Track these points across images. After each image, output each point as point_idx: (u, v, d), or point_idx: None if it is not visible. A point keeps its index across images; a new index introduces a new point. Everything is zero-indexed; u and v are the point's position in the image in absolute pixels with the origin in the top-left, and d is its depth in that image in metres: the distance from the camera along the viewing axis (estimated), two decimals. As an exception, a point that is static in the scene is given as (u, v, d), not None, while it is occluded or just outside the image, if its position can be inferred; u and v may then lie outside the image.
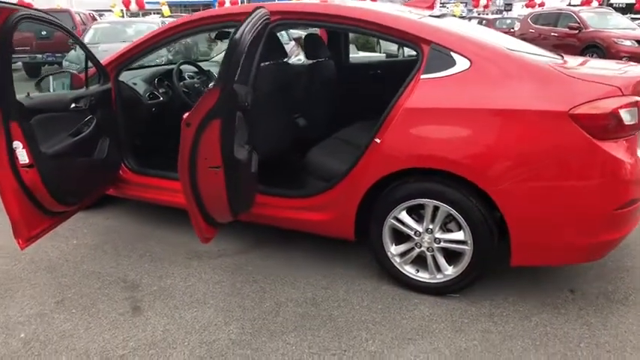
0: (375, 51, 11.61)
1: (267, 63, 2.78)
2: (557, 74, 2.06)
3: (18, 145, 2.09)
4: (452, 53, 2.14)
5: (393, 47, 9.48)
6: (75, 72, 2.77)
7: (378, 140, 2.22)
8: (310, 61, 3.33)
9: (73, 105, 2.48)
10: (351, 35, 4.36)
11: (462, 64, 2.11)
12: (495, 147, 2.03)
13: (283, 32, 8.98)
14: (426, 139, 2.13)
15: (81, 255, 2.74)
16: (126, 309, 2.23)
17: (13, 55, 2.65)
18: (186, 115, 1.67)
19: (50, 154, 2.23)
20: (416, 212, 2.29)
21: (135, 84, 3.17)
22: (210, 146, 1.68)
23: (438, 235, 2.22)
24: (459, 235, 2.17)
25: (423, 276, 2.32)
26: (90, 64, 2.71)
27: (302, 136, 3.29)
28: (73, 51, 8.18)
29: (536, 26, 12.18)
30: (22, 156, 2.11)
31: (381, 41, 12.44)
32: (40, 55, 10.79)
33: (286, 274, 2.50)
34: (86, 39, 8.81)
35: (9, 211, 2.15)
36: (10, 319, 2.17)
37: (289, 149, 3.04)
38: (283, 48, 2.89)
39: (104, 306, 2.26)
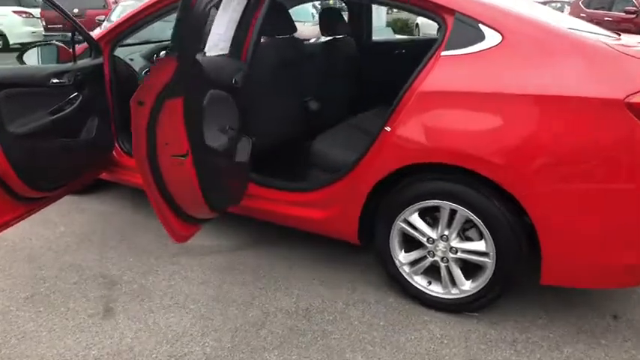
0: (413, 34, 11.16)
1: (270, 38, 2.46)
2: (612, 53, 1.65)
3: None
4: (480, 25, 1.76)
5: (433, 30, 8.97)
6: (62, 44, 2.54)
7: (388, 128, 1.88)
8: (326, 38, 2.99)
9: (53, 80, 2.25)
10: (388, 18, 3.97)
11: (492, 38, 1.73)
12: (528, 141, 1.65)
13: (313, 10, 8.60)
14: (443, 130, 1.77)
15: (65, 244, 2.54)
16: (97, 310, 2.01)
17: (47, 34, 2.46)
18: (137, 90, 1.38)
19: (19, 133, 2.00)
20: (430, 215, 1.95)
21: (132, 60, 2.92)
22: (171, 130, 1.38)
23: (455, 243, 1.87)
24: (480, 246, 1.82)
25: (435, 290, 1.98)
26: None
27: (313, 121, 2.98)
28: (98, 29, 8.08)
29: (589, 10, 11.26)
30: None
31: (420, 24, 11.85)
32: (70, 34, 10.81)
33: (280, 278, 2.22)
34: (113, 15, 8.70)
35: None
36: (-26, 314, 1.98)
37: (297, 136, 2.73)
38: (292, 21, 2.56)
39: (75, 305, 2.04)
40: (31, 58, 2.50)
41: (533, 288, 1.93)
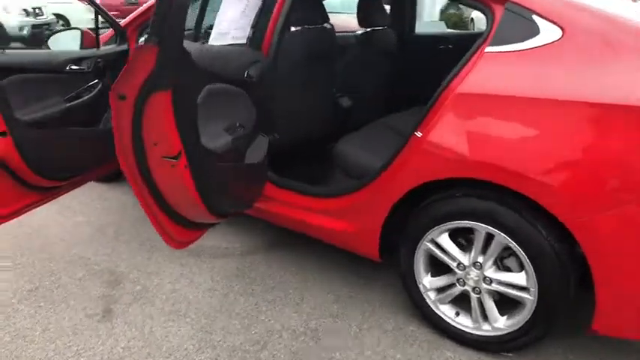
0: (468, 30, 10.59)
1: (299, 28, 2.25)
2: None
3: None
4: (535, 17, 1.47)
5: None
6: (87, 30, 2.45)
7: (418, 134, 1.63)
8: (364, 30, 2.74)
9: (71, 67, 2.16)
10: (441, 12, 3.63)
11: (549, 33, 1.44)
12: (588, 159, 1.36)
13: None
14: (483, 140, 1.50)
15: (80, 235, 2.47)
16: (97, 310, 1.90)
17: (104, 20, 2.41)
18: (115, 82, 1.21)
19: (28, 121, 1.92)
20: (463, 236, 1.69)
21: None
22: (159, 129, 1.21)
23: (490, 273, 1.60)
24: (520, 279, 1.54)
25: (464, 322, 1.72)
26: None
27: (344, 119, 2.75)
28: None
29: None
30: None
31: (475, 18, 11.21)
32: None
33: (291, 290, 2.02)
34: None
35: None
36: (-24, 304, 1.93)
37: (325, 135, 2.52)
38: (323, 10, 2.34)
39: (75, 303, 1.94)
40: (56, 42, 2.43)
41: (580, 326, 1.63)
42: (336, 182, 2.13)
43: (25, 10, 8.77)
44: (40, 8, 9.07)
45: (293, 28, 2.23)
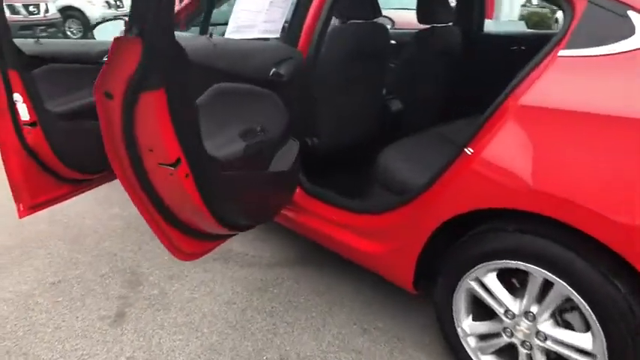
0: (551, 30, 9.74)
1: (345, 22, 2.04)
2: None
3: (18, 99, 1.76)
4: (631, 14, 1.15)
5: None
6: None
7: (469, 150, 1.37)
8: (423, 27, 2.47)
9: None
10: (521, 11, 3.22)
11: (648, 34, 1.12)
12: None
13: None
14: (548, 166, 1.21)
15: (111, 229, 2.43)
16: (110, 312, 1.82)
17: None
18: (98, 77, 1.06)
19: (60, 112, 1.87)
20: (515, 276, 1.40)
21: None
22: (153, 132, 1.05)
23: (545, 327, 1.30)
24: (583, 341, 1.23)
25: (508, 380, 1.44)
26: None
27: (393, 125, 2.51)
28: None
29: None
30: (23, 111, 1.78)
31: (559, 19, 10.31)
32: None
33: (315, 314, 1.83)
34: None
35: (8, 173, 1.86)
36: (1, 291, 1.92)
37: (370, 141, 2.29)
38: (374, 2, 2.10)
39: (92, 302, 1.88)
40: (101, 32, 2.40)
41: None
42: (373, 196, 1.90)
43: (107, 2, 9.25)
44: (121, 0, 9.53)
45: (337, 22, 2.02)
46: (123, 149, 1.10)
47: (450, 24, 2.57)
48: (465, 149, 1.38)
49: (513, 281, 1.42)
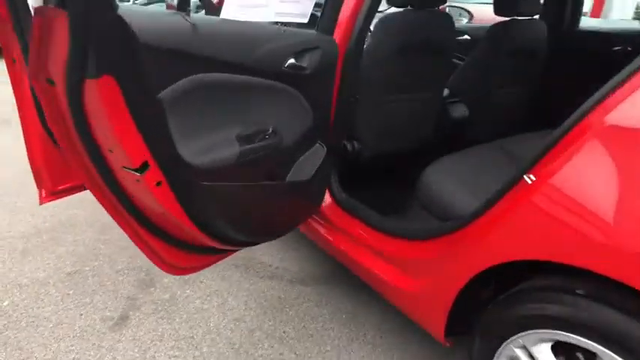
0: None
1: (399, 9, 1.74)
2: None
3: None
4: None
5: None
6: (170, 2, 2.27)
7: (530, 179, 1.04)
8: (500, 20, 2.09)
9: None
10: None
11: None
12: None
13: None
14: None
15: (143, 220, 2.35)
16: (114, 314, 1.70)
17: None
18: (30, 58, 0.85)
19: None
20: (579, 351, 1.05)
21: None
22: (105, 130, 0.84)
23: None
24: None
25: None
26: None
27: (455, 133, 2.17)
28: None
29: None
30: None
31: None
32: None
33: (329, 348, 1.58)
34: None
35: (31, 158, 1.79)
36: (18, 276, 1.89)
37: (425, 150, 1.98)
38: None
39: (99, 300, 1.78)
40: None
41: None
42: (411, 218, 1.61)
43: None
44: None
45: (388, 9, 1.73)
46: (79, 145, 0.91)
47: (536, 17, 2.16)
48: (525, 176, 1.05)
49: (578, 355, 1.06)
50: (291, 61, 1.22)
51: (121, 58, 0.79)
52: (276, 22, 1.31)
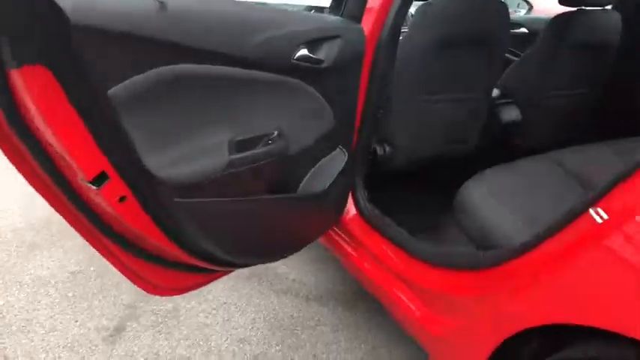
0: None
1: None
2: None
3: None
4: None
5: None
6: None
7: (601, 217, 0.79)
8: (567, 9, 1.78)
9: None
10: None
11: None
12: None
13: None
14: None
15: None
16: (110, 324, 1.57)
17: None
18: None
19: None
20: None
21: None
22: (51, 133, 0.66)
23: None
24: None
25: None
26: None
27: (504, 139, 1.90)
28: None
29: None
30: None
31: None
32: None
33: (342, 384, 1.37)
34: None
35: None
36: (20, 273, 1.79)
37: (466, 161, 1.72)
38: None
39: (97, 306, 1.65)
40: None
41: None
42: (445, 240, 1.36)
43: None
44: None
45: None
46: (19, 143, 0.74)
47: (608, 7, 1.84)
48: (592, 210, 0.80)
49: None
50: (303, 52, 1.01)
51: (53, 43, 0.61)
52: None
